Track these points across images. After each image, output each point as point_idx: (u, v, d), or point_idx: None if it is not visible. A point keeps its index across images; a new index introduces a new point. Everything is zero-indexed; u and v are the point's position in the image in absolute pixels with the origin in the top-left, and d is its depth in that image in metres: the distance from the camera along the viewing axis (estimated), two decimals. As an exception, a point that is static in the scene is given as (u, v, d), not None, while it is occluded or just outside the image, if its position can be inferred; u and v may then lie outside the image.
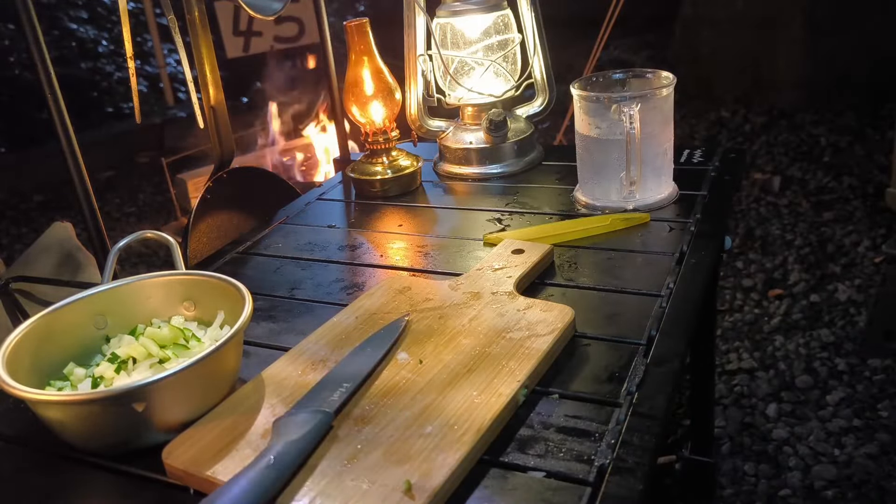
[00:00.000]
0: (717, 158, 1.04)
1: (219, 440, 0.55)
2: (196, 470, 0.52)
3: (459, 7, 1.06)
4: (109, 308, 0.67)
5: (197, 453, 0.54)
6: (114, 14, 4.43)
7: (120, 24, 0.96)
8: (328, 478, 0.50)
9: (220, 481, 0.51)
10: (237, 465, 0.52)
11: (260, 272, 0.89)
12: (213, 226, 1.11)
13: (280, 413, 0.57)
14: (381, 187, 1.07)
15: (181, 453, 0.54)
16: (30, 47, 0.84)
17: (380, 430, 0.54)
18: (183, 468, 0.53)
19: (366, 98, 1.05)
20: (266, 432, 0.55)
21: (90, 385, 0.60)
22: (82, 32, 4.37)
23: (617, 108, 0.85)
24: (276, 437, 0.53)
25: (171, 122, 3.88)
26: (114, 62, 4.42)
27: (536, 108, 1.16)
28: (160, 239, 0.74)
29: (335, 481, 0.50)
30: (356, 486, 0.49)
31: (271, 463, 0.50)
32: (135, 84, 1.00)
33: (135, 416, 0.54)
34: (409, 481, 0.49)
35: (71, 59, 4.23)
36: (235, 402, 0.59)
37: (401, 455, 0.51)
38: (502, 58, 1.08)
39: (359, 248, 0.92)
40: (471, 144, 1.10)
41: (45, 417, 0.57)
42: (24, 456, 0.60)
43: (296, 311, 0.78)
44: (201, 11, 1.05)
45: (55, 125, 0.86)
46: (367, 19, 1.05)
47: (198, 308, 0.69)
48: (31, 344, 0.61)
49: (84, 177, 0.89)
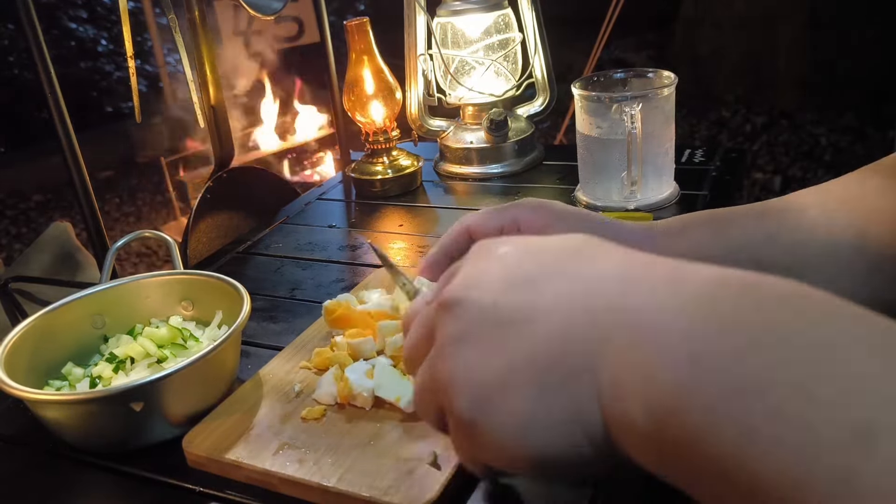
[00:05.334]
0: (718, 158, 1.03)
1: (237, 428, 0.55)
2: (219, 455, 0.53)
3: (460, 6, 1.06)
4: (107, 308, 0.67)
5: (218, 440, 0.54)
6: (113, 13, 4.43)
7: (120, 24, 0.95)
8: (353, 455, 0.50)
9: (247, 465, 0.51)
10: (260, 450, 0.52)
11: (260, 272, 0.89)
12: (214, 226, 1.11)
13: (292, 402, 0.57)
14: (381, 187, 1.07)
15: (202, 441, 0.54)
16: (30, 47, 0.83)
17: (397, 411, 0.55)
18: (206, 454, 0.53)
19: (366, 98, 1.05)
20: (285, 417, 0.55)
21: (88, 385, 0.60)
22: (82, 32, 4.37)
23: (618, 108, 0.84)
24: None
25: (171, 122, 3.88)
26: (113, 62, 4.42)
27: (537, 108, 1.16)
28: (159, 238, 0.74)
29: (361, 457, 0.50)
30: (383, 461, 0.49)
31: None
32: (135, 83, 1.00)
33: (133, 416, 0.54)
34: (435, 452, 0.49)
35: (71, 58, 4.23)
36: (241, 398, 0.59)
37: (420, 432, 0.52)
38: (503, 57, 1.08)
39: (359, 248, 0.92)
40: (471, 144, 1.10)
41: (44, 417, 0.56)
42: (23, 456, 0.60)
43: (296, 312, 0.78)
44: (201, 11, 1.05)
45: (55, 125, 0.86)
46: (368, 18, 1.05)
47: (196, 308, 0.69)
48: (29, 343, 0.61)
49: (84, 176, 0.89)
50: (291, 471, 0.50)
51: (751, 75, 3.65)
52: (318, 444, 0.52)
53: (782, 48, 3.54)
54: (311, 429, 0.54)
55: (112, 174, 3.78)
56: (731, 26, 3.70)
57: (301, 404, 0.57)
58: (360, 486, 0.47)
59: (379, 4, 1.88)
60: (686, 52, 3.98)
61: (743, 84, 3.67)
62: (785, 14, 3.49)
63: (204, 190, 1.09)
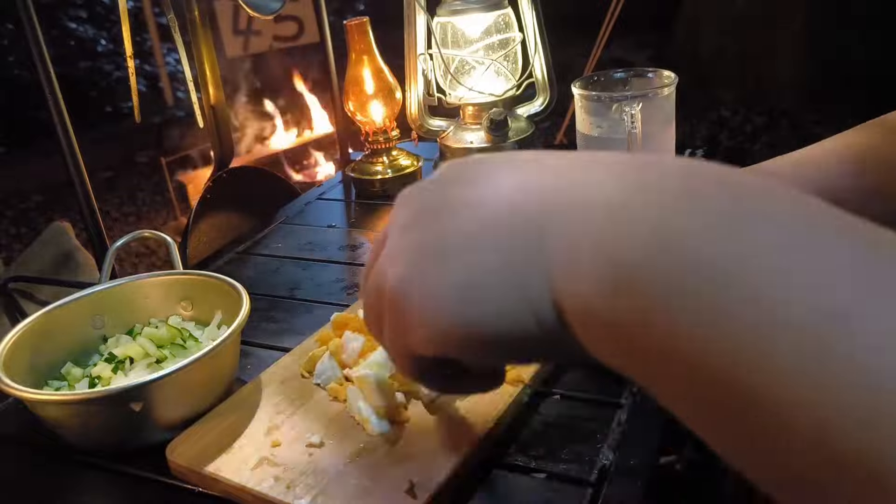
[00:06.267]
0: (718, 158, 1.03)
1: (222, 438, 0.54)
2: (199, 467, 0.52)
3: (460, 6, 1.05)
4: (107, 308, 0.67)
5: (200, 450, 0.53)
6: (113, 13, 4.43)
7: (119, 24, 0.95)
8: (329, 476, 0.50)
9: (223, 478, 0.50)
10: (239, 464, 0.52)
11: (260, 272, 0.89)
12: (214, 226, 1.10)
13: (285, 411, 0.57)
14: (381, 187, 1.07)
15: (185, 450, 0.54)
16: (30, 47, 0.83)
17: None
18: (187, 465, 0.53)
19: (366, 97, 1.04)
20: (270, 430, 0.55)
21: (87, 385, 0.60)
22: (81, 32, 4.37)
23: (618, 108, 0.84)
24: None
25: (171, 122, 3.88)
26: (113, 61, 4.42)
27: (537, 108, 1.16)
28: (158, 238, 0.74)
29: (337, 479, 0.49)
30: (358, 484, 0.49)
31: None
32: (134, 83, 1.00)
33: (132, 416, 0.54)
34: (412, 480, 0.48)
35: (71, 58, 4.23)
36: (237, 402, 0.59)
37: (402, 454, 0.51)
38: (503, 57, 1.08)
39: (359, 248, 0.92)
40: (471, 144, 1.10)
41: (43, 417, 0.56)
42: (23, 456, 0.60)
43: (296, 312, 0.78)
44: (201, 11, 1.05)
45: (55, 125, 0.86)
46: (368, 18, 1.05)
47: (195, 308, 0.69)
48: (28, 343, 0.61)
49: (84, 177, 0.89)
50: (265, 488, 0.49)
51: (751, 75, 3.65)
52: (296, 461, 0.51)
53: (782, 48, 3.54)
54: (293, 445, 0.53)
55: (112, 174, 3.78)
56: (731, 26, 3.70)
57: (290, 418, 0.56)
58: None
59: (379, 4, 1.88)
60: (686, 52, 3.98)
61: (743, 84, 3.67)
62: (785, 14, 3.49)
63: (204, 190, 1.09)
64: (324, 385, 0.59)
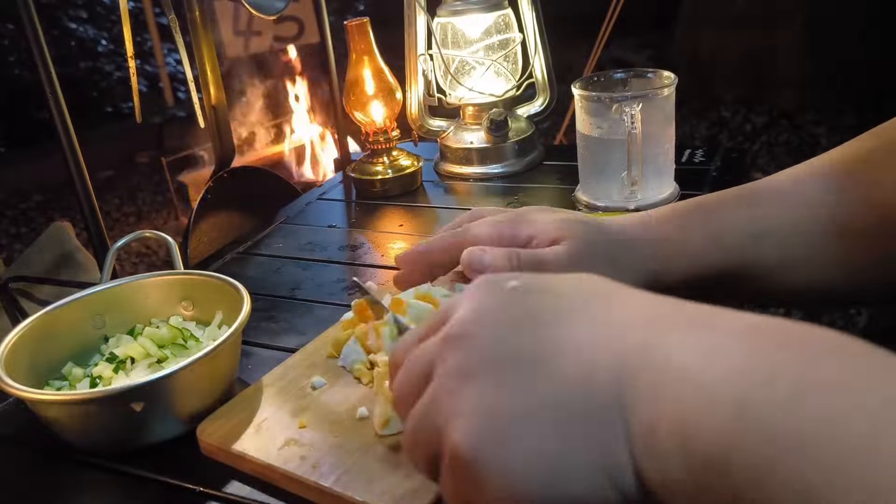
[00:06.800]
0: (718, 158, 1.03)
1: (250, 419, 0.56)
2: (227, 446, 0.53)
3: (460, 6, 1.05)
4: (108, 308, 0.67)
5: (229, 430, 0.55)
6: (113, 13, 4.44)
7: (120, 24, 0.96)
8: (354, 456, 0.50)
9: (251, 457, 0.52)
10: (267, 444, 0.53)
11: (260, 272, 0.89)
12: (214, 226, 1.11)
13: (310, 394, 0.58)
14: (381, 187, 1.07)
15: (215, 430, 0.55)
16: (30, 47, 0.83)
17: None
18: (217, 444, 0.54)
19: (366, 98, 1.05)
20: (296, 412, 0.56)
21: (88, 385, 0.60)
22: (82, 32, 4.37)
23: (618, 108, 0.84)
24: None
25: (171, 122, 3.88)
26: (113, 62, 4.42)
27: (537, 108, 1.16)
28: (159, 238, 0.74)
29: (362, 459, 0.50)
30: (384, 463, 0.49)
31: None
32: (135, 83, 1.00)
33: (133, 416, 0.54)
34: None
35: (71, 58, 4.23)
36: (265, 386, 0.59)
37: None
38: (503, 57, 1.08)
39: (359, 248, 0.92)
40: (472, 144, 1.10)
41: (44, 417, 0.56)
42: (23, 456, 0.60)
43: (296, 312, 0.78)
44: (202, 11, 1.05)
45: (55, 125, 0.86)
46: (368, 19, 1.05)
47: (196, 308, 0.69)
48: (29, 343, 0.61)
49: (84, 177, 0.89)
50: (291, 467, 0.50)
51: (751, 75, 3.65)
52: (322, 442, 0.52)
53: (782, 48, 3.54)
54: (320, 426, 0.54)
55: (112, 174, 3.78)
56: (731, 26, 3.70)
57: (315, 400, 0.57)
58: (354, 490, 0.47)
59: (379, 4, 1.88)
60: (686, 52, 3.98)
61: (743, 84, 3.67)
62: (785, 14, 3.49)
63: (204, 190, 1.09)
64: (349, 368, 0.59)
